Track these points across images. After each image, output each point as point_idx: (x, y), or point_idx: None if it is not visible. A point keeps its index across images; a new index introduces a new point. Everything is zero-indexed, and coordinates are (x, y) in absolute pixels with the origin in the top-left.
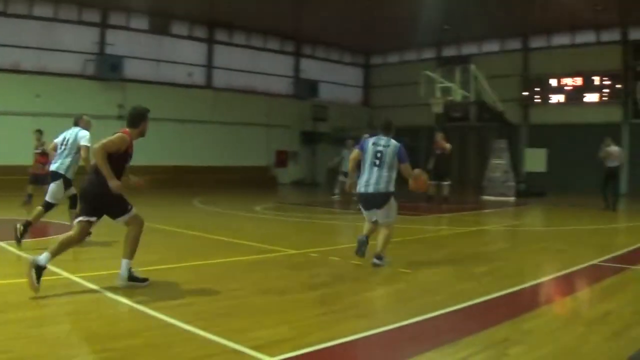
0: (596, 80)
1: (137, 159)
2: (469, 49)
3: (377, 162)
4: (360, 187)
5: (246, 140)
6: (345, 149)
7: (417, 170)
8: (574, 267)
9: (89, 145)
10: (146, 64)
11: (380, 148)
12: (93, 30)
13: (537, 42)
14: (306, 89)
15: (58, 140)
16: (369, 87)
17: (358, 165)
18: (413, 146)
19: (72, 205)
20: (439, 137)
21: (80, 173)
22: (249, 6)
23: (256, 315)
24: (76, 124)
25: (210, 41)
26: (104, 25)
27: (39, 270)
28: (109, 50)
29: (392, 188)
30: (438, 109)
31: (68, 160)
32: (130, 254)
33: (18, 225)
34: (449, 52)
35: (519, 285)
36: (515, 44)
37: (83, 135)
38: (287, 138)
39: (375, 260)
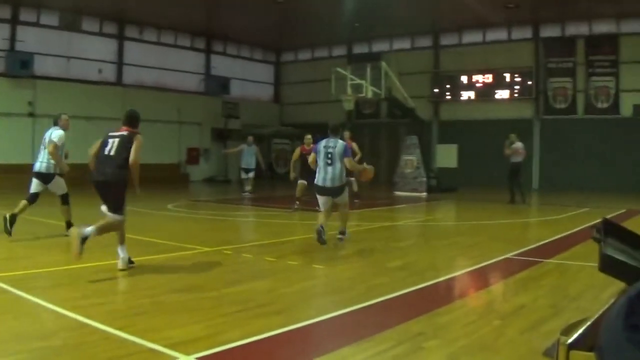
0: (507, 77)
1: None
2: (379, 46)
3: (329, 161)
4: (319, 181)
5: (157, 137)
6: (244, 144)
7: (364, 166)
8: (487, 261)
9: (56, 141)
10: (56, 61)
11: (330, 150)
12: (3, 26)
13: (448, 40)
14: (217, 86)
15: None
16: (279, 84)
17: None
18: None
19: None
20: (346, 135)
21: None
22: (159, 3)
23: (171, 313)
24: (55, 124)
25: (121, 38)
26: (14, 22)
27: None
28: (19, 46)
29: (344, 180)
30: (349, 106)
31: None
32: (121, 239)
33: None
34: (359, 49)
35: (433, 279)
36: (426, 41)
37: (57, 134)
38: (199, 135)
39: (340, 236)
